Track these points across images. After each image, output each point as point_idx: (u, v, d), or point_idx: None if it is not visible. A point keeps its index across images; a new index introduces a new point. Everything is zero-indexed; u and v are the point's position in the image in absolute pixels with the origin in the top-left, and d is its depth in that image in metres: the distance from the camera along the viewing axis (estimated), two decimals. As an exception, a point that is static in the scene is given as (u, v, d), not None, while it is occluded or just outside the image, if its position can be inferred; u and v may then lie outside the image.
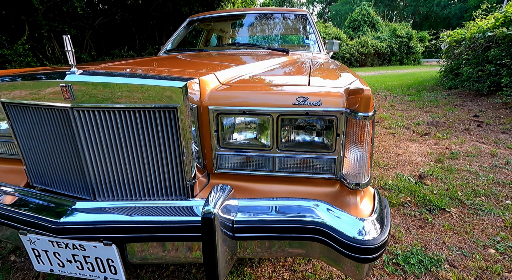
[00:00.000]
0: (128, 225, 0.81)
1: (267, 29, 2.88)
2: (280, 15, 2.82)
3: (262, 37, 2.90)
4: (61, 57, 12.18)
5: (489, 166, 2.50)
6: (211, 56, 1.73)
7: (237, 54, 1.91)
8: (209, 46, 3.70)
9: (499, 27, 5.39)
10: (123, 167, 0.92)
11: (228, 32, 3.59)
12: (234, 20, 2.99)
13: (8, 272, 1.34)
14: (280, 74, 1.20)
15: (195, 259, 0.88)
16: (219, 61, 1.46)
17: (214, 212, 0.72)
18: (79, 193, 0.97)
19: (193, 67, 1.21)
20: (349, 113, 0.82)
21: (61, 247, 0.85)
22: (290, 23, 2.86)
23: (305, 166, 0.93)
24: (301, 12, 2.79)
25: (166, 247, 0.86)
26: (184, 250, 0.87)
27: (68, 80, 0.81)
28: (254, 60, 1.50)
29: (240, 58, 1.61)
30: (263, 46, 2.35)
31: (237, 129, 0.94)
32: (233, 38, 3.18)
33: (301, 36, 2.92)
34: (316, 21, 24.06)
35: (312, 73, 1.15)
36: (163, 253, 0.87)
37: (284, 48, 2.25)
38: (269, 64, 1.44)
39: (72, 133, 0.87)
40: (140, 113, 0.86)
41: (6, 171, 1.11)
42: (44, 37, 11.08)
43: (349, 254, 0.75)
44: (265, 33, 2.90)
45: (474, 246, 1.52)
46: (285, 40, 3.21)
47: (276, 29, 2.94)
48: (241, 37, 2.97)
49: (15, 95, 0.90)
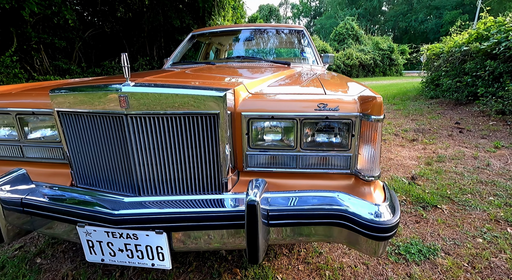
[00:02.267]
0: (177, 215, 0.93)
1: (267, 43, 3.09)
2: (279, 30, 3.04)
3: (262, 51, 3.10)
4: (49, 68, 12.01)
5: (472, 167, 2.74)
6: (225, 69, 1.88)
7: (248, 66, 2.08)
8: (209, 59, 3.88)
9: (473, 42, 5.88)
10: (166, 166, 1.04)
11: (228, 46, 3.78)
12: (235, 35, 3.19)
13: (37, 274, 1.39)
14: (296, 84, 1.37)
15: (232, 246, 1.00)
16: (236, 73, 1.62)
17: (257, 200, 0.86)
18: (125, 191, 1.08)
19: (220, 78, 1.36)
20: (363, 116, 0.99)
21: (115, 237, 0.95)
22: (289, 38, 3.08)
23: (325, 163, 1.08)
24: (298, 28, 3.02)
25: (207, 235, 0.98)
26: (222, 238, 0.99)
27: (125, 91, 0.94)
28: (268, 72, 1.67)
29: (254, 70, 1.78)
30: (265, 59, 2.54)
31: (265, 132, 1.09)
32: (234, 52, 3.36)
33: (298, 50, 3.14)
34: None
35: (323, 83, 1.33)
36: (204, 241, 0.99)
37: (285, 61, 2.45)
38: (282, 76, 1.61)
39: (123, 137, 0.99)
40: (183, 118, 1.00)
41: (49, 174, 1.20)
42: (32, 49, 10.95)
43: (369, 234, 0.90)
44: (266, 47, 3.10)
45: (465, 237, 1.70)
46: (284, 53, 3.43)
47: (276, 43, 3.16)
48: (243, 51, 3.15)
49: (71, 104, 1.02)
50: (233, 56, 2.92)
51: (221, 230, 0.97)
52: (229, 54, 3.93)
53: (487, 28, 5.80)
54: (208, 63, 2.50)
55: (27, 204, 1.01)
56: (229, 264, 1.48)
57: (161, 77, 1.28)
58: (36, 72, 10.41)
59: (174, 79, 1.23)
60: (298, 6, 62.40)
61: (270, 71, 1.73)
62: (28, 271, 1.40)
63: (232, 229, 0.96)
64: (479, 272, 1.41)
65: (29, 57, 10.37)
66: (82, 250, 1.01)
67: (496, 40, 5.07)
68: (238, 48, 3.23)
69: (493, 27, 5.63)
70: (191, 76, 1.35)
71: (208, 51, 4.01)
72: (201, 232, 0.97)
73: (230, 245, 0.99)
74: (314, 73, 1.97)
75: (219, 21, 14.63)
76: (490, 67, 5.11)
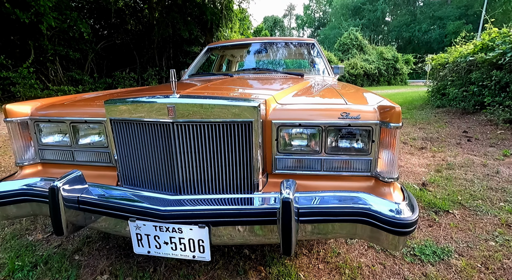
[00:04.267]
0: (219, 211, 1.05)
1: (280, 56, 3.25)
2: (292, 43, 3.21)
3: (276, 63, 3.26)
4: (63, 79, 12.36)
5: (482, 174, 2.81)
6: (247, 80, 2.02)
7: (267, 78, 2.22)
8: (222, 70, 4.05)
9: (478, 53, 5.99)
10: (205, 168, 1.16)
11: (241, 58, 3.95)
12: (250, 48, 3.36)
13: (78, 269, 1.51)
14: (317, 95, 1.50)
15: (263, 240, 1.11)
16: (260, 85, 1.76)
17: (290, 198, 0.97)
18: (166, 190, 1.20)
19: (249, 90, 1.50)
20: (382, 124, 1.10)
21: (162, 230, 1.07)
22: (301, 50, 3.24)
23: (347, 166, 1.19)
24: (310, 41, 3.18)
25: (243, 230, 1.09)
26: (255, 232, 1.09)
27: (173, 102, 1.08)
28: (287, 83, 1.80)
29: (275, 81, 1.92)
30: (280, 71, 2.68)
31: (292, 138, 1.21)
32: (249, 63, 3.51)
33: (310, 61, 3.29)
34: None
35: (341, 93, 1.45)
36: (239, 235, 1.09)
37: (298, 72, 2.59)
38: (302, 87, 1.74)
39: (169, 142, 1.12)
40: (221, 126, 1.12)
41: (95, 176, 1.33)
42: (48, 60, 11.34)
43: (391, 229, 1.00)
44: (279, 59, 3.26)
45: (477, 240, 1.77)
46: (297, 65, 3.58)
47: (288, 55, 3.32)
48: (258, 62, 3.32)
49: (123, 113, 1.16)
50: (249, 68, 3.07)
51: (254, 226, 1.08)
52: (241, 65, 4.11)
53: (491, 39, 5.92)
54: (226, 74, 2.65)
55: (83, 201, 1.13)
56: (253, 262, 1.57)
57: (199, 89, 1.43)
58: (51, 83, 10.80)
59: (212, 91, 1.37)
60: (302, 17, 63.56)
61: (289, 82, 1.86)
62: (69, 266, 1.52)
63: (264, 225, 1.07)
64: (492, 272, 1.49)
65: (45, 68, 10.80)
66: (115, 249, 1.12)
67: (501, 51, 5.18)
68: (252, 60, 3.40)
69: (498, 38, 5.75)
70: (224, 88, 1.49)
71: (222, 63, 4.20)
72: (236, 227, 1.08)
73: (262, 239, 1.10)
74: (328, 83, 2.10)
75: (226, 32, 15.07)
76: (496, 77, 5.20)
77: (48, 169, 1.40)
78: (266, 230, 1.08)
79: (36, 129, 1.35)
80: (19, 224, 1.95)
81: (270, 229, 1.08)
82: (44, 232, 1.86)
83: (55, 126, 1.33)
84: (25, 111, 1.32)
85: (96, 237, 1.81)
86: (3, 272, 1.46)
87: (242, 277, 1.46)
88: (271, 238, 1.10)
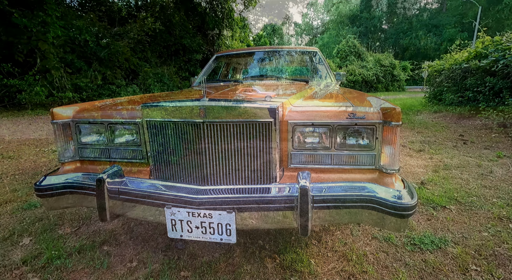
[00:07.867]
0: (245, 198, 1.21)
1: (285, 63, 3.45)
2: (296, 52, 3.41)
3: (281, 70, 3.46)
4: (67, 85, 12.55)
5: (477, 174, 2.98)
6: (259, 86, 2.20)
7: (276, 84, 2.41)
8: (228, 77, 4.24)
9: (472, 60, 6.24)
10: (230, 162, 1.32)
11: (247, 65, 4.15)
12: (256, 56, 3.56)
13: (108, 257, 1.65)
14: (325, 99, 1.68)
15: (282, 225, 1.26)
16: (272, 90, 1.94)
17: (307, 186, 1.14)
18: (195, 182, 1.35)
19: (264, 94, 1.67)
20: (384, 123, 1.27)
21: (194, 216, 1.22)
22: (304, 58, 3.45)
23: (354, 160, 1.36)
24: (312, 49, 3.39)
25: (264, 216, 1.24)
26: (275, 218, 1.25)
27: (204, 104, 1.25)
28: (297, 88, 1.98)
29: (285, 87, 2.10)
30: (286, 77, 2.87)
31: (306, 136, 1.38)
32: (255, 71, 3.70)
33: (313, 68, 3.49)
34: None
35: (347, 97, 1.63)
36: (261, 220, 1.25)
37: (303, 78, 2.78)
38: (310, 92, 1.92)
39: (199, 139, 1.29)
40: (245, 125, 1.29)
41: (128, 172, 1.49)
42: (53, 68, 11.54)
43: (395, 213, 1.16)
44: (284, 66, 3.46)
45: (471, 231, 1.93)
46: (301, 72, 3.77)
47: (293, 63, 3.52)
48: (264, 70, 3.51)
49: (158, 115, 1.32)
50: (257, 75, 3.26)
51: (274, 212, 1.23)
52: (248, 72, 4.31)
53: (485, 47, 6.18)
54: (236, 81, 2.84)
55: (123, 192, 1.29)
56: (267, 251, 1.72)
57: (222, 94, 1.60)
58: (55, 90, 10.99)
59: (233, 95, 1.54)
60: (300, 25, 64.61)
61: (298, 88, 2.04)
62: (100, 255, 1.66)
63: (283, 211, 1.23)
64: (484, 258, 1.64)
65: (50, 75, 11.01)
66: (138, 240, 1.26)
67: (494, 58, 5.42)
68: (259, 68, 3.59)
69: (491, 46, 6.01)
70: (242, 93, 1.67)
71: (228, 70, 4.40)
72: (259, 213, 1.24)
73: (280, 224, 1.25)
74: (332, 89, 2.29)
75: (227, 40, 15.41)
76: (490, 83, 5.43)
77: (86, 166, 1.55)
78: (284, 215, 1.24)
79: (76, 130, 1.51)
80: (47, 220, 2.09)
81: (288, 215, 1.24)
82: (72, 227, 2.00)
83: (94, 127, 1.49)
84: (68, 114, 1.48)
85: (121, 230, 1.96)
86: (42, 259, 1.60)
87: (259, 264, 1.61)
88: (289, 223, 1.26)
